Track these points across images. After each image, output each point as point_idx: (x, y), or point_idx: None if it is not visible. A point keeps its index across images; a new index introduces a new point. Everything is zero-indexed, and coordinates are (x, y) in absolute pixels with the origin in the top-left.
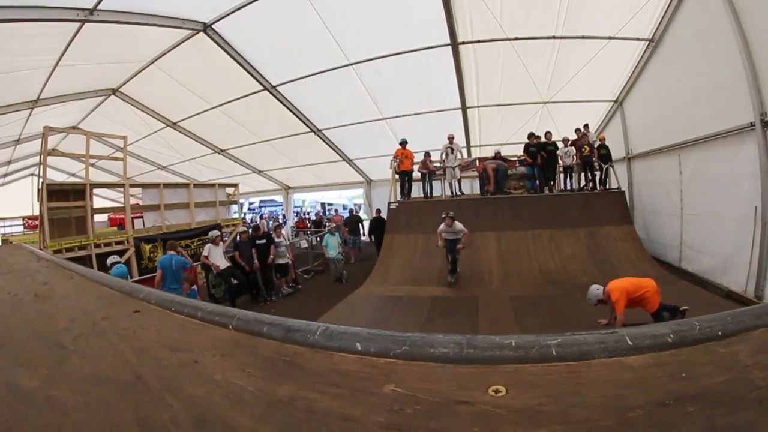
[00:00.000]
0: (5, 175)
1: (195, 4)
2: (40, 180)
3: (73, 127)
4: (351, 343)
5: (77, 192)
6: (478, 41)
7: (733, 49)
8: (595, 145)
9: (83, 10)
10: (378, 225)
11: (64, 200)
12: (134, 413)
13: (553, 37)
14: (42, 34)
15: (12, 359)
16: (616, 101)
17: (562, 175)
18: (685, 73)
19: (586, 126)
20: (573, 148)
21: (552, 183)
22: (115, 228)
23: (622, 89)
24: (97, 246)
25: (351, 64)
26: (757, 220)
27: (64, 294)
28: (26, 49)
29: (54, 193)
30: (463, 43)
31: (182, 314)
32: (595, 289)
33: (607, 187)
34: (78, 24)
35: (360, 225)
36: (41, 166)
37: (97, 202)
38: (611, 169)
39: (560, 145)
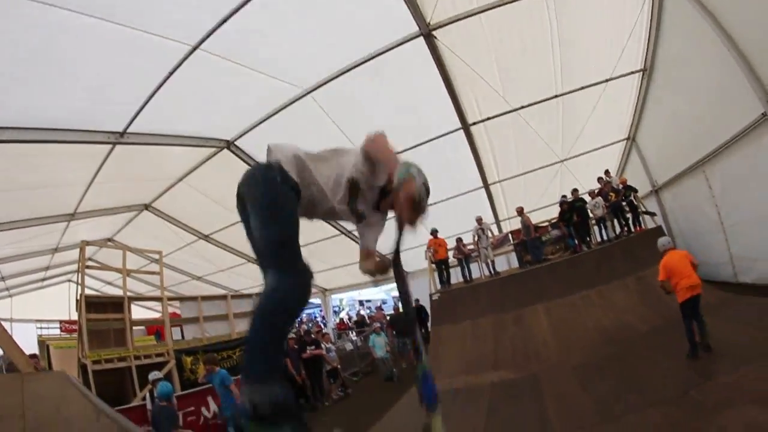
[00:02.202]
0: (43, 280)
1: (217, 124)
2: (78, 286)
3: (109, 240)
4: None
5: (115, 304)
6: (487, 118)
7: (722, 51)
8: (620, 189)
9: (114, 133)
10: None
11: (102, 312)
12: None
13: (555, 96)
14: (77, 154)
15: None
16: (628, 138)
17: (596, 228)
18: (685, 90)
19: (607, 172)
20: (600, 198)
21: (588, 239)
22: (153, 336)
23: (631, 125)
24: (137, 358)
25: None
26: None
27: None
28: (63, 168)
29: (92, 305)
30: (474, 123)
31: None
32: (662, 242)
33: (642, 221)
34: (110, 146)
35: None
36: (79, 274)
37: (135, 310)
38: (641, 206)
39: (587, 198)
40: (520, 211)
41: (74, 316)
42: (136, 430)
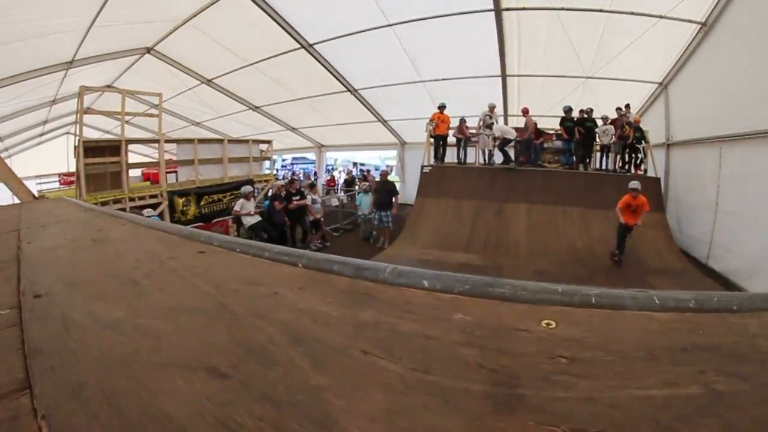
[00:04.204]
0: (41, 135)
1: None
2: (76, 138)
3: (108, 86)
4: (419, 281)
5: (113, 148)
6: (523, 8)
7: None
8: (635, 126)
9: None
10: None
11: (100, 156)
12: (229, 335)
13: (601, 11)
14: None
15: (89, 295)
16: (660, 84)
17: (598, 154)
18: (737, 64)
19: (627, 106)
20: (612, 127)
21: (588, 160)
22: (148, 182)
23: (669, 72)
24: (131, 200)
25: (390, 25)
26: None
27: (121, 239)
28: (60, 12)
29: (90, 149)
30: (507, 9)
31: (248, 254)
32: (634, 183)
33: (644, 169)
34: None
35: (394, 197)
36: (77, 125)
37: (132, 158)
38: (650, 152)
39: (599, 122)
40: (525, 111)
41: (72, 168)
42: (119, 214)
